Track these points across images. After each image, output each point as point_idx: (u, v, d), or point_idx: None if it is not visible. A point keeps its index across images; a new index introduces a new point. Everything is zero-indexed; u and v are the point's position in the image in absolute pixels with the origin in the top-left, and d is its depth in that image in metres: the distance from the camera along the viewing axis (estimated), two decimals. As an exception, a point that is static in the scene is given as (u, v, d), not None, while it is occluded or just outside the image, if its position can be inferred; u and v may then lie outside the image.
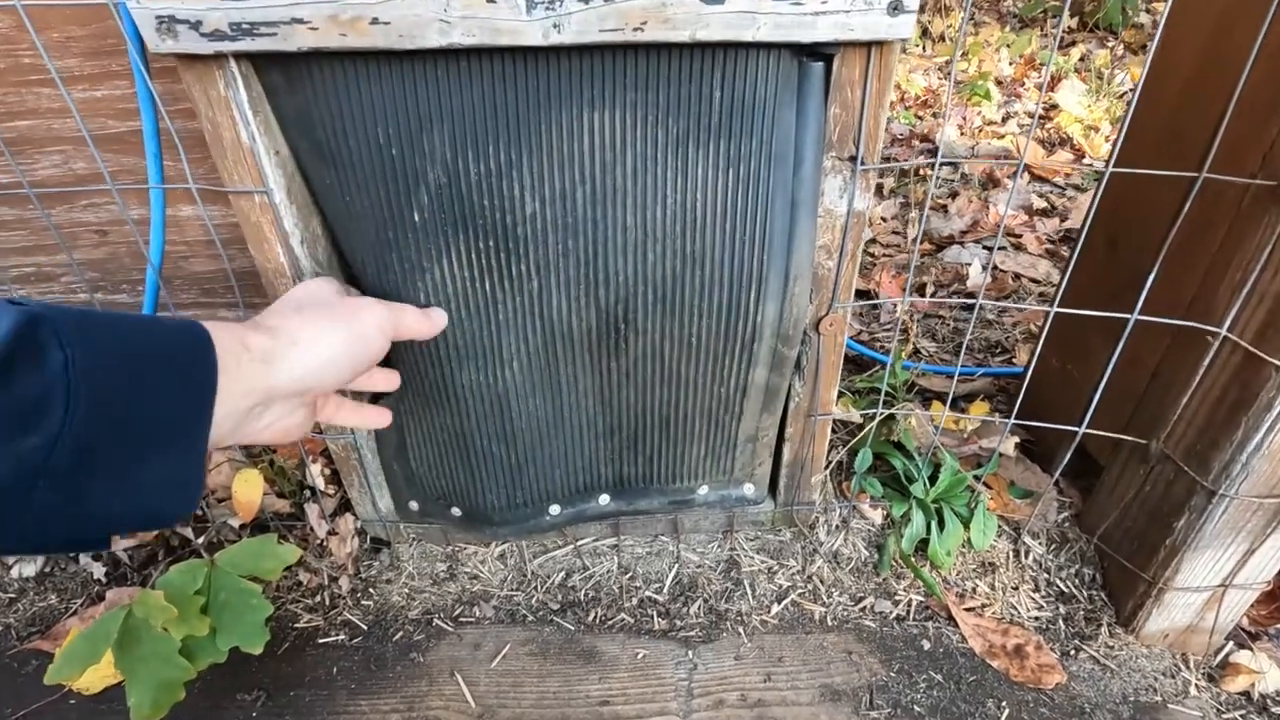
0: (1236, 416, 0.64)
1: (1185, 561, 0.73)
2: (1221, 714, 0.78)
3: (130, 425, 0.34)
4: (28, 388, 0.30)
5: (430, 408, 0.73)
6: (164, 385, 0.36)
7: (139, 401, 0.35)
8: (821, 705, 0.79)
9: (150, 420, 0.35)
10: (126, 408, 0.34)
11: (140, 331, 0.36)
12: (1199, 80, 0.69)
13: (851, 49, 0.55)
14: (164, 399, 0.36)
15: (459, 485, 0.81)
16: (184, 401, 0.37)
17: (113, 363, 0.34)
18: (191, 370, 0.38)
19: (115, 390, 0.34)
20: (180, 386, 0.37)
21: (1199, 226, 0.67)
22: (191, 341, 0.39)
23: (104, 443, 0.33)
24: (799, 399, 0.77)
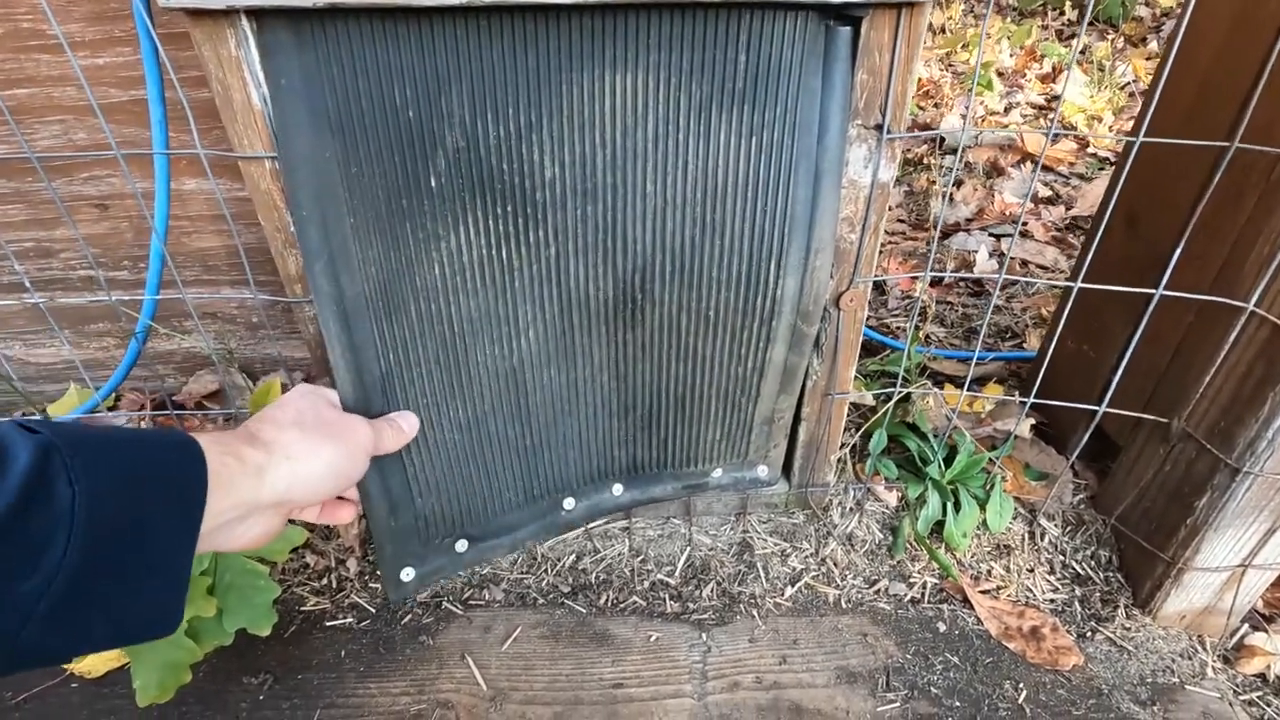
0: (1263, 392, 0.63)
1: (1206, 541, 0.73)
2: (1238, 695, 0.77)
3: (121, 554, 0.35)
4: (38, 528, 0.31)
5: (441, 404, 0.68)
6: (157, 507, 0.37)
7: (132, 528, 0.35)
8: (838, 688, 0.78)
9: (140, 546, 0.36)
10: (120, 537, 0.35)
11: (139, 451, 0.37)
12: (1226, 54, 0.68)
13: (880, 11, 0.53)
14: (156, 522, 0.37)
15: (472, 493, 0.74)
16: (174, 523, 0.38)
17: (113, 488, 0.34)
18: (184, 490, 0.39)
19: (111, 520, 0.34)
20: (172, 506, 0.38)
21: (1227, 199, 0.67)
22: (186, 459, 0.39)
23: (95, 576, 0.33)
24: (816, 377, 0.76)
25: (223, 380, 0.87)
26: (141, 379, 0.98)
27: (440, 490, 0.72)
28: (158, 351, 0.95)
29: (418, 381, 0.66)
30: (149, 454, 0.37)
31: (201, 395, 0.97)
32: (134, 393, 0.99)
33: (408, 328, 0.64)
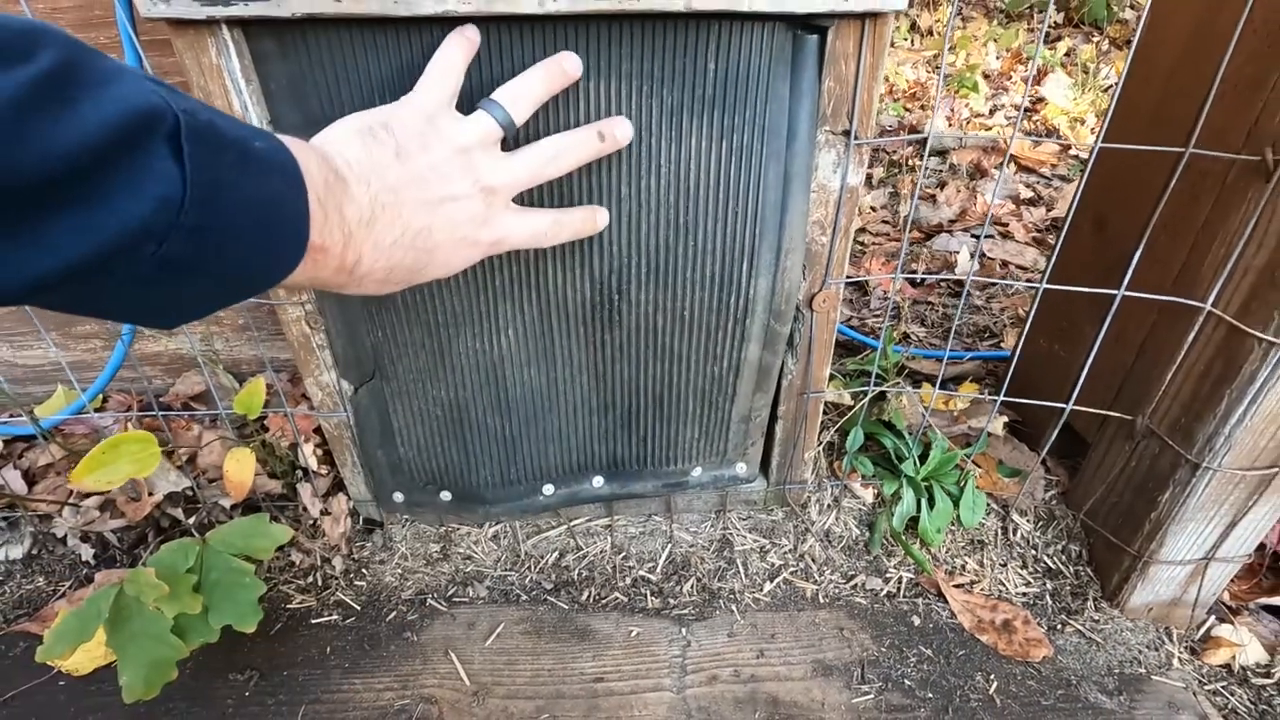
0: (1220, 390, 0.65)
1: (1169, 535, 0.75)
2: (1203, 685, 0.79)
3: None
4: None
5: (425, 382, 0.73)
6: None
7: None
8: (814, 680, 0.79)
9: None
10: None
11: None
12: (1186, 59, 0.70)
13: (846, 21, 0.55)
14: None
15: (452, 464, 0.80)
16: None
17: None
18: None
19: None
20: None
21: (1185, 203, 0.69)
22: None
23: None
24: (792, 376, 0.78)
25: (208, 381, 0.88)
26: (128, 380, 0.99)
27: (422, 449, 0.79)
28: (144, 353, 0.96)
29: (403, 359, 0.71)
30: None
31: (188, 396, 0.98)
32: (121, 394, 1.00)
33: (394, 313, 0.67)
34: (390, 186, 0.41)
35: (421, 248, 0.43)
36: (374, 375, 0.73)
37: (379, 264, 0.41)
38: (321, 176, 0.36)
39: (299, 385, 0.90)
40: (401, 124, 0.45)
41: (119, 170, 0.27)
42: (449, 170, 0.45)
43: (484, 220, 0.47)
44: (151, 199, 0.28)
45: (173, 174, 0.28)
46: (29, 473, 0.93)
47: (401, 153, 0.43)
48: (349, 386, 0.75)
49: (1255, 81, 0.61)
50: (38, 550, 0.91)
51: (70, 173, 0.25)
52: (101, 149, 0.26)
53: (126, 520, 0.87)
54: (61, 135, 0.25)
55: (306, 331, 0.70)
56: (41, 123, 0.25)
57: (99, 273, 0.28)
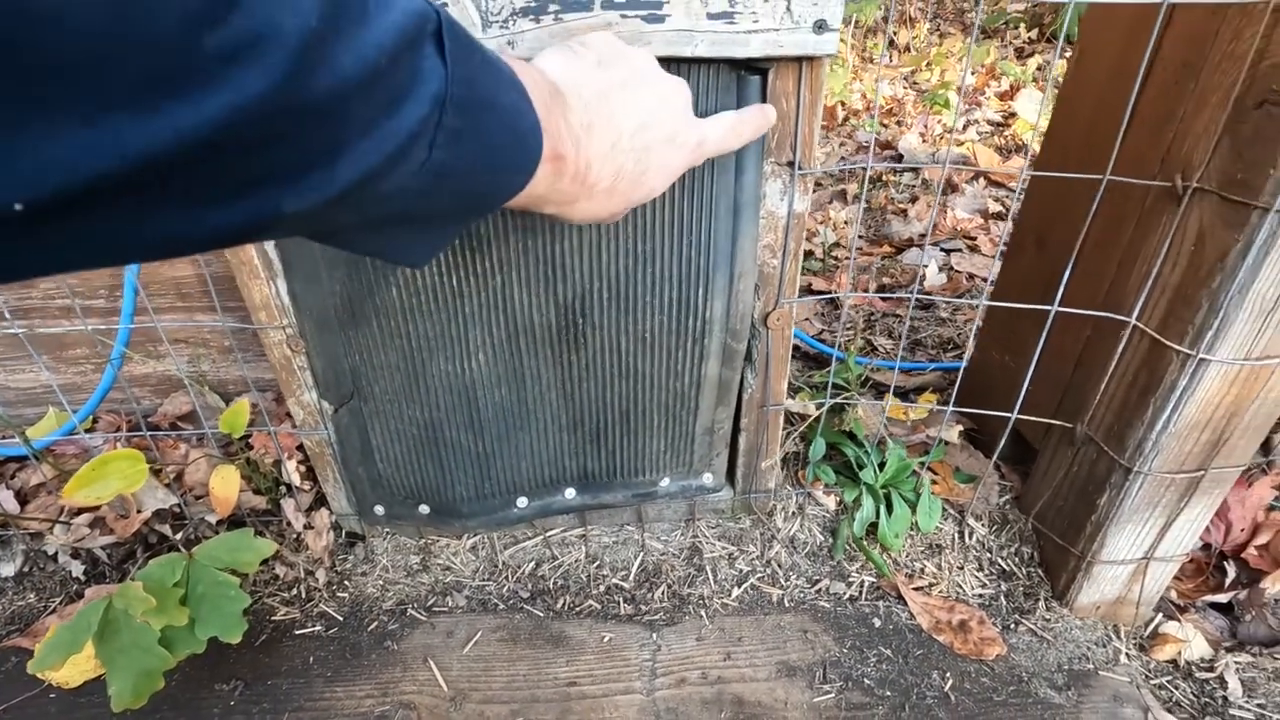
0: (1146, 399, 0.70)
1: (1109, 536, 0.79)
2: (1149, 679, 0.84)
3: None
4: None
5: (400, 403, 0.77)
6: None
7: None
8: (778, 681, 0.83)
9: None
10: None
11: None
12: (1110, 91, 0.75)
13: (784, 63, 0.60)
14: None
15: (428, 480, 0.84)
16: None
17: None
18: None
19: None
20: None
21: (1112, 225, 0.74)
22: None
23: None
24: (752, 390, 0.82)
25: (195, 402, 0.91)
26: (118, 401, 1.03)
27: (400, 466, 0.83)
28: (133, 375, 1.00)
29: (380, 381, 0.75)
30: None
31: (176, 416, 1.01)
32: (111, 414, 1.03)
33: (370, 338, 0.71)
34: (599, 92, 0.43)
35: (640, 147, 0.45)
36: (353, 396, 0.77)
37: (606, 169, 0.42)
38: (545, 87, 0.38)
39: (282, 405, 0.94)
40: (597, 40, 0.48)
41: (403, 73, 0.27)
42: (648, 75, 0.47)
43: (685, 119, 0.49)
44: (428, 99, 0.28)
45: (440, 72, 0.28)
46: (21, 492, 0.96)
47: (602, 62, 0.45)
48: (329, 406, 0.79)
49: (1166, 114, 0.66)
50: (29, 567, 0.94)
51: (367, 86, 0.25)
52: (392, 55, 0.26)
53: (116, 537, 0.90)
54: (362, 45, 0.25)
55: (288, 354, 0.74)
56: (345, 33, 0.24)
57: (377, 185, 0.27)
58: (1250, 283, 0.60)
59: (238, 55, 0.21)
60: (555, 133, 0.38)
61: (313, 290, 0.69)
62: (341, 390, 0.77)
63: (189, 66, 0.20)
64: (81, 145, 0.19)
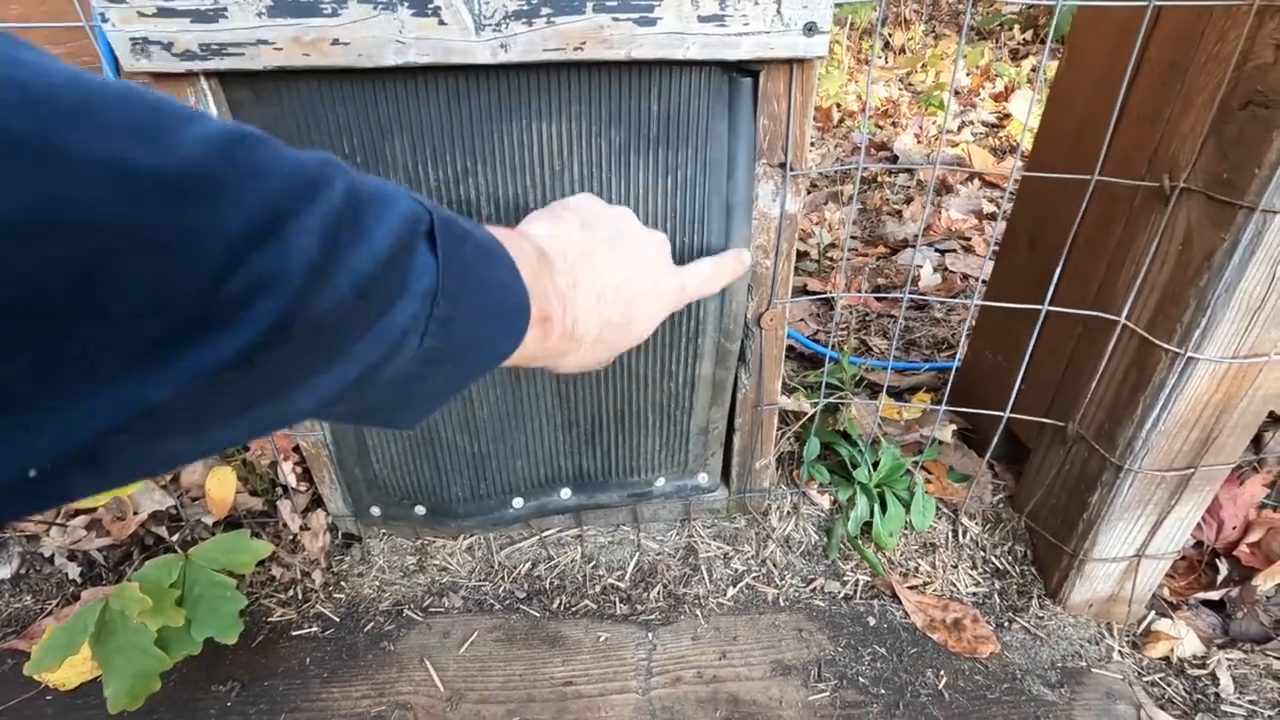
0: (1136, 397, 0.70)
1: (1101, 534, 0.80)
2: (1141, 676, 0.84)
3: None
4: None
5: None
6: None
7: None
8: (773, 679, 0.83)
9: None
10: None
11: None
12: (1099, 92, 0.76)
13: (774, 65, 0.60)
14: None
15: (424, 481, 0.84)
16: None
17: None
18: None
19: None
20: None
21: (1101, 224, 0.74)
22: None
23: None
24: (746, 390, 0.82)
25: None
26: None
27: (396, 467, 0.83)
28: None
29: None
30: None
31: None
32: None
33: None
34: (583, 251, 0.46)
35: (624, 300, 0.48)
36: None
37: (593, 322, 0.45)
38: (532, 255, 0.40)
39: (279, 406, 0.94)
40: (580, 202, 0.51)
41: (398, 275, 0.28)
42: (629, 231, 0.50)
43: (666, 269, 0.52)
44: (420, 295, 0.29)
45: (432, 267, 0.30)
46: (17, 495, 0.96)
47: (586, 223, 0.48)
48: (325, 407, 0.79)
49: (1153, 114, 0.66)
50: (26, 570, 0.94)
51: (364, 296, 0.27)
52: (387, 263, 0.28)
53: (112, 539, 0.91)
54: (359, 261, 0.26)
55: (284, 355, 0.74)
56: (344, 255, 0.26)
57: (373, 376, 0.29)
58: (1237, 281, 0.60)
59: (248, 299, 0.22)
60: (542, 295, 0.40)
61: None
62: None
63: (205, 317, 0.21)
64: (102, 405, 0.20)
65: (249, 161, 0.23)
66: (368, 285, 0.26)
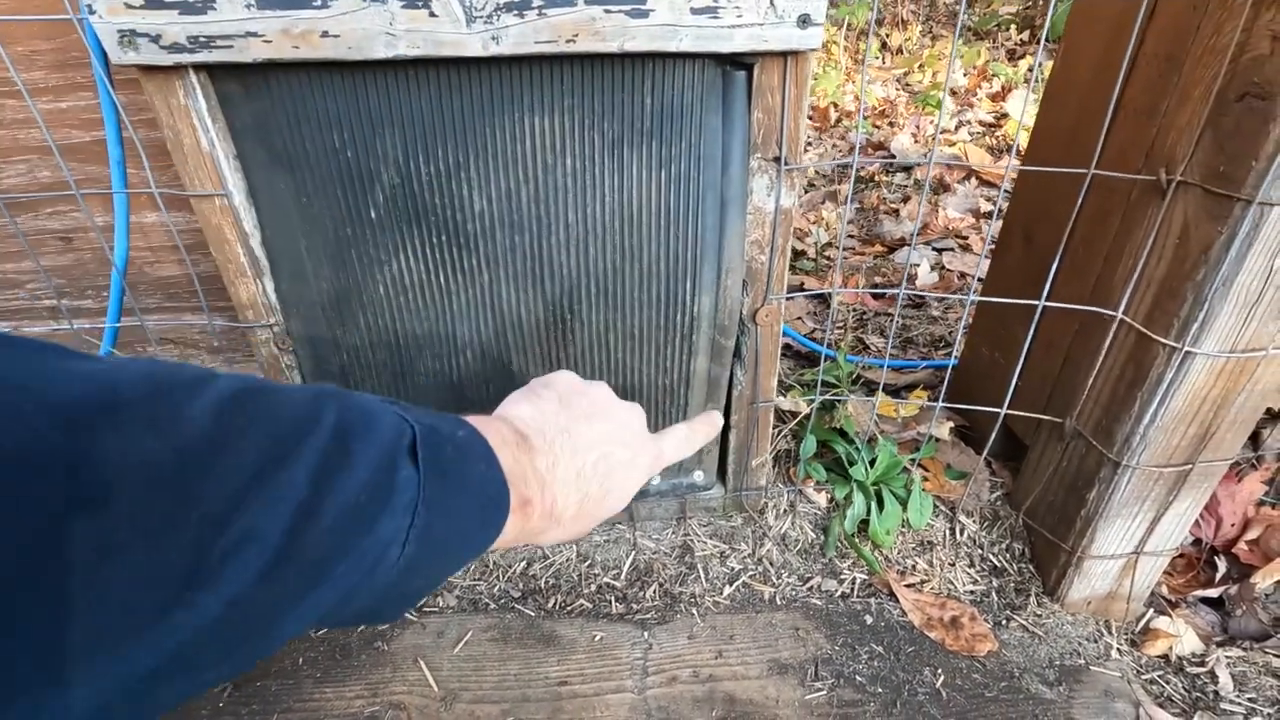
0: (1133, 392, 0.70)
1: (1099, 531, 0.79)
2: (1140, 674, 0.84)
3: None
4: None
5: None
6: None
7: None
8: (769, 678, 0.83)
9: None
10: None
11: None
12: (1095, 86, 0.75)
13: (768, 58, 0.60)
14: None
15: None
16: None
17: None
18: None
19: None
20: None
21: (1098, 219, 0.74)
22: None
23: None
24: (741, 388, 0.82)
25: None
26: (107, 403, 1.02)
27: None
28: (122, 376, 0.99)
29: (369, 380, 0.75)
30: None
31: (165, 417, 1.01)
32: (99, 416, 1.03)
33: (358, 336, 0.71)
34: (562, 428, 0.46)
35: (603, 473, 0.48)
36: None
37: (571, 498, 0.45)
38: (512, 441, 0.41)
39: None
40: (558, 380, 0.52)
41: (381, 493, 0.29)
42: (606, 405, 0.51)
43: (642, 440, 0.53)
44: (401, 509, 0.30)
45: (414, 480, 0.31)
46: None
47: (564, 400, 0.49)
48: (318, 404, 0.79)
49: (1150, 108, 0.66)
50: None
51: (347, 519, 0.28)
52: (371, 486, 0.29)
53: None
54: (345, 490, 0.27)
55: (275, 352, 0.74)
56: (332, 486, 0.27)
57: (355, 592, 0.30)
58: (1234, 275, 0.60)
59: (237, 551, 0.24)
60: (521, 480, 0.40)
61: (300, 288, 0.69)
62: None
63: (194, 580, 0.23)
64: (92, 686, 0.21)
65: (241, 423, 0.25)
66: (353, 511, 0.28)
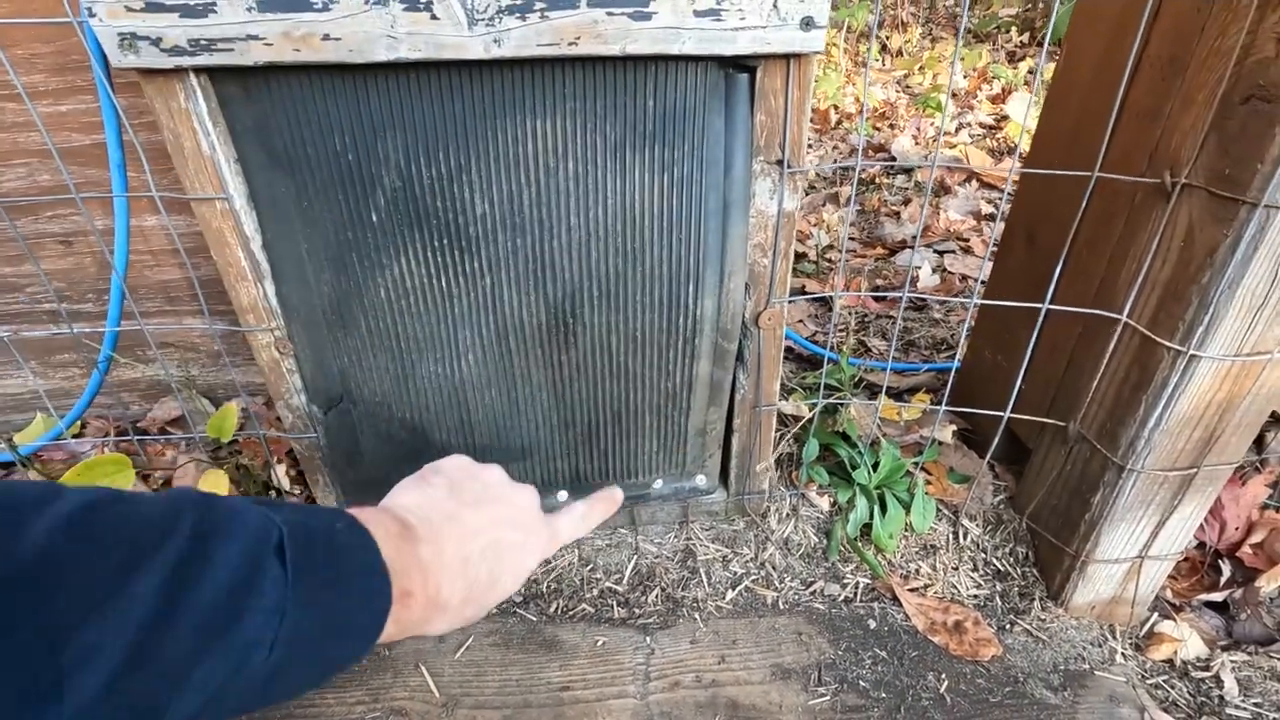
0: (1138, 396, 0.70)
1: (1103, 535, 0.79)
2: (1145, 679, 0.83)
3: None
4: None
5: (390, 405, 0.76)
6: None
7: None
8: (772, 684, 0.82)
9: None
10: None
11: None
12: (1096, 88, 0.75)
13: (771, 61, 0.60)
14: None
15: None
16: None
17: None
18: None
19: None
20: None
21: (1102, 221, 0.73)
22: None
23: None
24: (744, 391, 0.81)
25: (184, 407, 0.90)
26: (106, 407, 1.02)
27: (390, 469, 0.81)
28: (122, 380, 0.99)
29: (369, 384, 0.75)
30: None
31: (165, 421, 1.01)
32: (99, 419, 1.02)
33: (359, 339, 0.71)
34: (449, 515, 0.46)
35: (492, 558, 0.48)
36: (342, 399, 0.77)
37: (458, 586, 0.44)
38: (394, 532, 0.41)
39: (272, 409, 0.93)
40: (448, 466, 0.52)
41: (246, 594, 0.30)
42: (497, 489, 0.51)
43: (536, 521, 0.53)
44: (265, 610, 0.30)
45: (280, 580, 0.31)
46: (7, 499, 0.95)
47: (454, 486, 0.49)
48: (319, 409, 0.78)
49: (1153, 110, 0.66)
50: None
51: (209, 620, 0.28)
52: (231, 588, 0.29)
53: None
54: (202, 597, 0.28)
55: (276, 356, 0.73)
56: (187, 595, 0.27)
57: (222, 695, 0.30)
58: (1240, 278, 0.59)
59: (80, 665, 0.24)
60: (403, 571, 0.40)
61: (301, 292, 0.68)
62: (331, 393, 0.76)
63: (36, 694, 0.23)
64: None
65: (89, 536, 0.25)
66: (210, 614, 0.28)
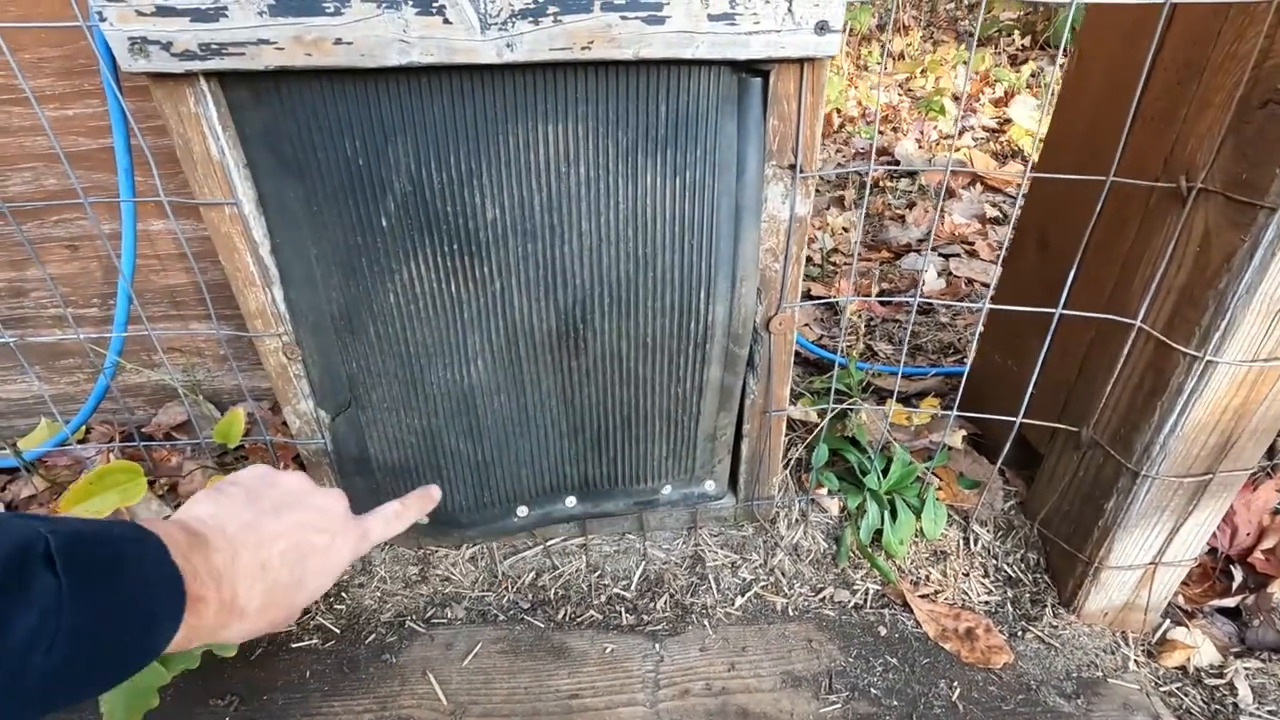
0: (1153, 401, 0.69)
1: (1117, 541, 0.78)
2: (1159, 686, 0.82)
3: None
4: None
5: (398, 411, 0.75)
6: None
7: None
8: (783, 691, 0.82)
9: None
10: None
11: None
12: (1109, 92, 0.75)
13: (785, 65, 0.59)
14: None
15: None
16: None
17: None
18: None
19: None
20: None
21: (1115, 226, 0.73)
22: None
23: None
24: (754, 396, 0.81)
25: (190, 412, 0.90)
26: (111, 412, 1.01)
27: (398, 475, 0.81)
28: (128, 385, 0.98)
29: (378, 389, 0.74)
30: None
31: (170, 426, 1.00)
32: (104, 425, 1.02)
33: (368, 344, 0.70)
34: (245, 523, 0.46)
35: (294, 561, 0.48)
36: (350, 404, 0.76)
37: (256, 590, 0.45)
38: (182, 540, 0.41)
39: (278, 414, 0.93)
40: (249, 476, 0.51)
41: (9, 597, 0.31)
42: (299, 493, 0.51)
43: (343, 522, 0.52)
44: (39, 615, 0.32)
45: (51, 585, 0.32)
46: (12, 505, 0.94)
47: (251, 495, 0.49)
48: (326, 415, 0.78)
49: (1169, 115, 0.65)
50: (20, 582, 0.92)
51: None
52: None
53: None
54: None
55: (284, 361, 0.73)
56: None
57: (5, 693, 0.31)
58: (1257, 283, 0.59)
59: None
60: (193, 577, 0.40)
61: (309, 297, 0.68)
62: (338, 398, 0.76)
63: None
64: None
65: None
66: None
